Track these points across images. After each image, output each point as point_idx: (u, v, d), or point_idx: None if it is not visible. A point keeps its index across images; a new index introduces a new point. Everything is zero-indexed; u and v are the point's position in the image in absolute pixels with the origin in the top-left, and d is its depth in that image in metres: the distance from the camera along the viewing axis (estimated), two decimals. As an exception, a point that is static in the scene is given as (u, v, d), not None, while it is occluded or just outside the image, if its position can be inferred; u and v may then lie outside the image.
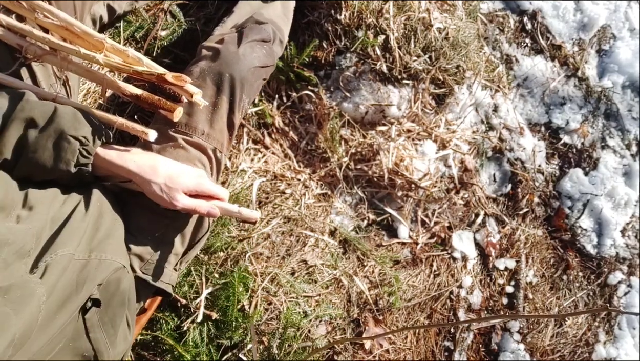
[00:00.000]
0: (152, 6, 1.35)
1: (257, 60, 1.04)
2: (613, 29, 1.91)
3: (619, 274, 1.72)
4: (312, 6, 1.46)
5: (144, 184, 0.82)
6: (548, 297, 1.64)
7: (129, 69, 0.86)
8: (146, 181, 0.81)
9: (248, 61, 1.01)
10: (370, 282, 1.44)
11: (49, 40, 0.84)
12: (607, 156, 1.80)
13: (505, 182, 1.69)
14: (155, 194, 0.82)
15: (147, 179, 0.81)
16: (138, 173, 0.81)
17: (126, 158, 0.82)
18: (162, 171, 0.82)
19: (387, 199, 1.54)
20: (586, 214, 1.73)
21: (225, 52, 1.00)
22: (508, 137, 1.71)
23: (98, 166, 0.81)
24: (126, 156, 0.82)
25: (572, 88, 1.83)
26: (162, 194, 0.82)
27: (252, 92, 1.05)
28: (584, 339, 1.64)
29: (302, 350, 1.27)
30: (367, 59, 1.47)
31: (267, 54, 1.08)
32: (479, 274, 1.59)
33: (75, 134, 0.77)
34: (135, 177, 0.82)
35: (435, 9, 1.58)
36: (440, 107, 1.60)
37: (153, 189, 0.81)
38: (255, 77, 1.04)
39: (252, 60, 1.02)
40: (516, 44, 1.81)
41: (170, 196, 0.82)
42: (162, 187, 0.81)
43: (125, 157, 0.82)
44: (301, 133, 1.49)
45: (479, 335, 1.57)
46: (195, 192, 0.86)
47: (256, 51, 1.04)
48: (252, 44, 1.04)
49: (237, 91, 0.99)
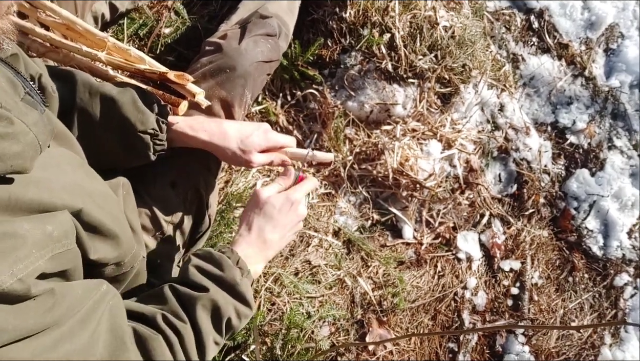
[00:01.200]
0: (156, 3, 1.34)
1: (260, 54, 1.02)
2: (621, 27, 1.88)
3: (626, 276, 1.70)
4: (317, 4, 1.45)
5: (218, 151, 0.86)
6: (553, 299, 1.63)
7: (131, 67, 0.85)
8: (220, 147, 0.85)
9: (251, 56, 1.00)
10: (374, 283, 1.43)
11: (51, 38, 0.83)
12: (614, 157, 1.78)
13: (510, 182, 1.68)
14: (230, 158, 0.86)
15: (221, 145, 0.85)
16: (211, 142, 0.84)
17: (196, 128, 0.84)
18: (233, 136, 0.85)
19: (391, 199, 1.53)
20: (592, 216, 1.71)
21: (227, 48, 0.99)
22: (514, 137, 1.69)
23: (171, 140, 0.84)
24: (195, 126, 0.85)
25: (579, 88, 1.81)
26: (237, 157, 0.86)
27: (255, 88, 1.03)
28: (590, 342, 1.63)
29: (306, 351, 1.26)
30: (372, 58, 1.45)
31: (272, 48, 1.06)
32: (484, 276, 1.58)
33: (144, 129, 0.79)
34: (209, 146, 0.85)
35: (441, 7, 1.56)
36: (445, 107, 1.58)
37: (228, 154, 0.85)
38: (258, 72, 1.02)
39: (255, 55, 1.01)
40: (523, 43, 1.79)
41: (246, 159, 0.86)
42: (236, 151, 0.85)
43: (195, 128, 0.84)
44: (305, 132, 1.48)
45: (484, 337, 1.56)
46: (266, 148, 0.88)
47: (260, 46, 1.03)
48: (256, 39, 1.03)
49: (239, 86, 0.97)
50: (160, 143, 0.81)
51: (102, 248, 0.59)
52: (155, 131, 0.80)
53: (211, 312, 0.69)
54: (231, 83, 0.97)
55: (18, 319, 0.43)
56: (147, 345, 0.62)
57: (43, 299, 0.46)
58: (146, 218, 0.88)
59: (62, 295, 0.49)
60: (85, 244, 0.55)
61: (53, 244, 0.48)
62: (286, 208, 0.81)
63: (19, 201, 0.47)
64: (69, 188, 0.55)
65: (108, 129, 0.78)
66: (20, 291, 0.43)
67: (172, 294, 0.70)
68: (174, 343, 0.64)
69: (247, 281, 0.75)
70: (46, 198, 0.50)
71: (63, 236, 0.50)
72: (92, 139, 0.77)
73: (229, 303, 0.71)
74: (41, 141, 0.50)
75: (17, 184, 0.47)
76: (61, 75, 0.77)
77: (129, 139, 0.79)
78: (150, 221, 0.88)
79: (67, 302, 0.49)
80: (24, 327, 0.43)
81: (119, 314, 0.58)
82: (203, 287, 0.70)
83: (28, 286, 0.43)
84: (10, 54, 0.61)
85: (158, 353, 0.62)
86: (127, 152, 0.81)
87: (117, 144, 0.80)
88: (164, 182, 0.91)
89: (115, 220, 0.62)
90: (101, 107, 0.77)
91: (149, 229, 0.88)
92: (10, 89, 0.54)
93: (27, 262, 0.44)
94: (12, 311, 0.42)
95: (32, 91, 0.57)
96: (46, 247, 0.47)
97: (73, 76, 0.78)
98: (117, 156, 0.81)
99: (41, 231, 0.47)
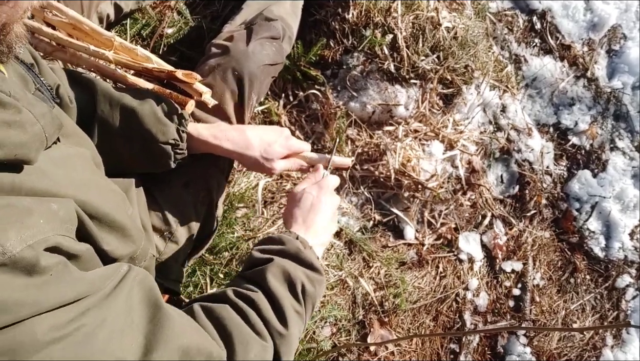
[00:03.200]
0: (159, 4, 1.34)
1: (266, 57, 1.03)
2: (624, 28, 1.88)
3: (627, 277, 1.70)
4: (319, 4, 1.45)
5: (241, 159, 0.89)
6: (555, 300, 1.62)
7: (139, 66, 0.85)
8: (244, 156, 0.88)
9: (258, 59, 1.00)
10: (376, 283, 1.43)
11: (58, 37, 0.84)
12: (616, 158, 1.78)
13: (512, 183, 1.68)
14: (253, 165, 0.89)
15: (245, 154, 0.87)
16: (235, 150, 0.87)
17: (220, 137, 0.86)
18: (256, 144, 0.87)
19: (393, 200, 1.53)
20: (594, 217, 1.71)
21: (234, 50, 0.99)
22: (516, 138, 1.69)
23: (191, 148, 0.85)
24: (218, 135, 0.86)
25: (582, 89, 1.81)
26: (260, 165, 0.88)
27: (261, 90, 1.04)
28: (591, 343, 1.62)
29: (307, 352, 1.26)
30: (375, 59, 1.45)
31: (277, 51, 1.07)
32: (486, 277, 1.58)
33: (165, 139, 0.80)
34: (233, 155, 0.88)
35: (443, 8, 1.56)
36: (447, 108, 1.58)
37: (252, 161, 0.88)
38: (264, 74, 1.03)
39: (261, 57, 1.01)
40: (525, 44, 1.79)
41: (268, 167, 0.89)
42: (259, 159, 0.88)
43: (219, 137, 0.86)
44: (307, 133, 1.48)
45: (485, 338, 1.56)
46: (287, 154, 0.92)
47: (266, 48, 1.04)
48: (262, 41, 1.04)
49: (247, 89, 0.98)
50: (181, 152, 0.83)
51: (111, 240, 0.58)
52: (177, 141, 0.81)
53: (282, 277, 0.69)
54: (240, 86, 0.97)
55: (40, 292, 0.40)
56: (214, 314, 0.61)
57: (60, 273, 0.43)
58: (156, 217, 0.89)
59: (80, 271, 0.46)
60: (94, 235, 0.54)
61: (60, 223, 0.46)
62: (322, 193, 0.83)
63: (24, 186, 0.46)
64: (77, 183, 0.55)
65: (129, 140, 0.80)
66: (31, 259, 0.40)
67: (240, 278, 0.71)
68: (248, 312, 0.63)
69: (310, 251, 0.75)
70: (51, 187, 0.49)
71: (68, 220, 0.48)
72: (112, 148, 0.78)
73: (297, 269, 0.71)
74: (48, 133, 0.49)
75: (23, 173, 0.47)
76: (82, 83, 0.78)
77: (151, 149, 0.80)
78: (160, 221, 0.89)
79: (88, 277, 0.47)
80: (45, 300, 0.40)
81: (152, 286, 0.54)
82: (268, 259, 0.71)
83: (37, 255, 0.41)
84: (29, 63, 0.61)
85: (225, 318, 0.60)
86: (148, 162, 0.82)
87: (138, 153, 0.81)
88: (177, 183, 0.92)
89: (123, 214, 0.61)
90: (121, 118, 0.78)
91: (158, 229, 0.89)
92: (21, 82, 0.54)
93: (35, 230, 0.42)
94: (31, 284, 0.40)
95: (42, 87, 0.57)
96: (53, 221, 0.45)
97: (94, 86, 0.78)
98: (137, 164, 0.83)
99: (47, 207, 0.46)
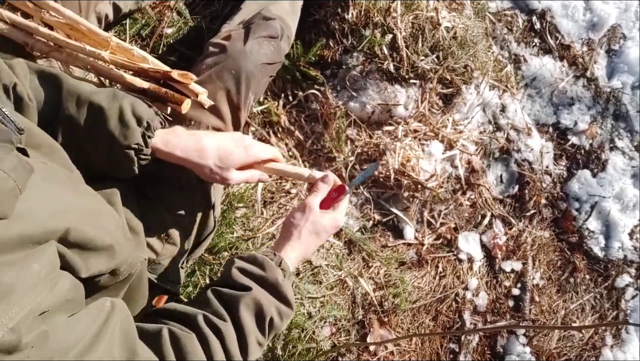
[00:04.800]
0: (158, 4, 1.34)
1: (264, 57, 1.02)
2: (623, 28, 1.88)
3: (627, 277, 1.70)
4: (319, 4, 1.45)
5: (194, 168, 0.82)
6: (554, 300, 1.62)
7: (135, 66, 0.85)
8: (196, 165, 0.81)
9: (255, 58, 1.00)
10: (376, 283, 1.43)
11: (54, 38, 0.83)
12: (616, 158, 1.78)
13: (512, 183, 1.68)
14: (207, 175, 0.83)
15: (197, 162, 0.81)
16: (187, 158, 0.81)
17: (171, 144, 0.80)
18: (210, 153, 0.82)
19: (393, 200, 1.53)
20: (594, 216, 1.71)
21: (232, 49, 0.99)
22: (515, 137, 1.69)
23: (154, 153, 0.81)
24: (172, 141, 0.80)
25: (581, 89, 1.81)
26: (214, 175, 0.82)
27: (258, 90, 1.04)
28: (591, 342, 1.62)
29: (307, 352, 1.26)
30: (374, 58, 1.45)
31: (275, 50, 1.07)
32: (485, 276, 1.58)
33: (128, 143, 0.74)
34: (185, 163, 0.82)
35: (443, 8, 1.56)
36: (447, 107, 1.58)
37: (205, 171, 0.82)
38: (262, 74, 1.02)
39: (259, 56, 1.01)
40: (524, 44, 1.79)
41: (223, 177, 0.83)
42: (212, 169, 0.82)
43: (171, 143, 0.80)
44: (307, 132, 1.48)
45: (485, 338, 1.56)
46: (246, 164, 0.86)
47: (264, 47, 1.03)
48: (260, 40, 1.03)
49: (244, 88, 0.97)
50: (145, 158, 0.77)
51: (96, 262, 0.57)
52: (140, 146, 0.75)
53: (254, 311, 0.69)
54: (236, 85, 0.97)
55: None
56: (179, 344, 0.62)
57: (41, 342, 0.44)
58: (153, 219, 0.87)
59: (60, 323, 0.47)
60: (75, 265, 0.53)
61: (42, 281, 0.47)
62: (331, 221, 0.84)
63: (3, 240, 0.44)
64: (55, 211, 0.52)
65: (94, 141, 0.74)
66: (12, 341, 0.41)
67: (214, 296, 0.70)
68: (211, 342, 0.64)
69: (288, 283, 0.75)
70: (30, 230, 0.47)
71: (50, 271, 0.49)
72: (78, 149, 0.72)
73: (271, 303, 0.71)
74: (21, 185, 0.47)
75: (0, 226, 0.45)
76: (48, 78, 0.73)
77: (113, 153, 0.75)
78: (156, 223, 0.88)
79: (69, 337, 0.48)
80: None
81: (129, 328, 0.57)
82: (246, 287, 0.70)
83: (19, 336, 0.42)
84: None
85: (188, 350, 0.62)
86: (112, 166, 0.77)
87: (102, 157, 0.75)
88: (174, 184, 0.90)
89: (107, 233, 0.60)
90: (87, 118, 0.73)
91: (155, 231, 0.88)
92: None
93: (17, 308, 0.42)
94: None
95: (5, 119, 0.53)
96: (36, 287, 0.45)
97: (59, 82, 0.73)
98: (104, 168, 0.78)
99: (29, 274, 0.45)
